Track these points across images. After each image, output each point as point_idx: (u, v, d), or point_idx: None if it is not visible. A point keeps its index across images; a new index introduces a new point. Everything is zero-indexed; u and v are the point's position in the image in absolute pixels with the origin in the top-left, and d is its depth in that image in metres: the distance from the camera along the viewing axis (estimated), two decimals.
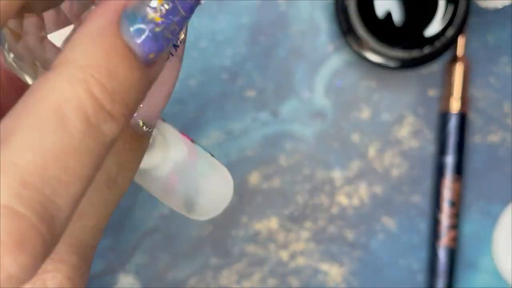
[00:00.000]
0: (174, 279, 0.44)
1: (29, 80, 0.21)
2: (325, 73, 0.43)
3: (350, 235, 0.44)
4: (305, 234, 0.44)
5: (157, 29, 0.18)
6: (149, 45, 0.18)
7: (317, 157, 0.44)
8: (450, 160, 0.43)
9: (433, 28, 0.39)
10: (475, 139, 0.44)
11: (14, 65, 0.21)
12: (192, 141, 0.26)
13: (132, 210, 0.43)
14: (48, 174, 0.17)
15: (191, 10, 0.19)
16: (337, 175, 0.44)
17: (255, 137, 0.44)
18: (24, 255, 0.17)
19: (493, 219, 0.44)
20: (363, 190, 0.44)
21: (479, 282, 0.45)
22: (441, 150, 0.43)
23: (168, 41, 0.19)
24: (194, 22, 0.42)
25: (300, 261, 0.44)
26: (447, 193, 0.43)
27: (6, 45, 0.21)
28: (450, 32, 0.39)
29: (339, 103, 0.44)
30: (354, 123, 0.44)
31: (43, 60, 0.21)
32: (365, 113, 0.44)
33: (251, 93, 0.43)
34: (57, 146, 0.17)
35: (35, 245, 0.17)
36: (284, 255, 0.44)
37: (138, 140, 0.22)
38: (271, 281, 0.44)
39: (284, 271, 0.44)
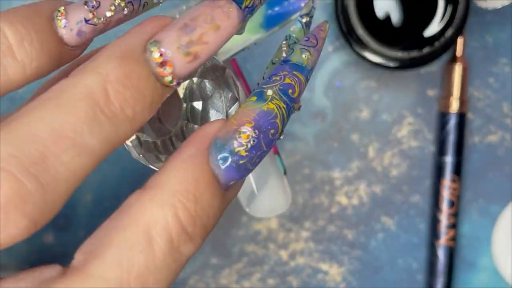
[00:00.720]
0: None
1: (155, 168, 0.25)
2: (325, 73, 0.43)
3: (349, 235, 0.45)
4: (305, 234, 0.44)
5: (241, 162, 0.20)
6: (232, 174, 0.20)
7: (317, 157, 0.44)
8: (449, 160, 0.43)
9: (433, 28, 0.40)
10: (474, 139, 0.44)
11: (142, 160, 0.24)
12: (277, 153, 0.30)
13: None
14: None
15: (271, 146, 0.21)
16: (336, 175, 0.44)
17: None
18: None
19: (492, 219, 0.44)
20: (362, 190, 0.44)
21: (478, 281, 0.45)
22: (441, 150, 0.43)
23: (248, 172, 0.21)
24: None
25: (300, 260, 0.44)
26: (446, 193, 0.43)
27: (133, 148, 0.24)
28: (449, 33, 0.39)
29: (339, 103, 0.44)
30: (354, 123, 0.44)
31: (168, 153, 0.25)
32: (364, 113, 0.44)
33: None
34: (142, 264, 0.19)
35: None
36: (284, 254, 0.44)
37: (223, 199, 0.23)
38: (271, 281, 0.44)
39: (284, 270, 0.44)
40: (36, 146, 0.18)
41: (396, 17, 0.40)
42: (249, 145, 0.20)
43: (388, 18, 0.40)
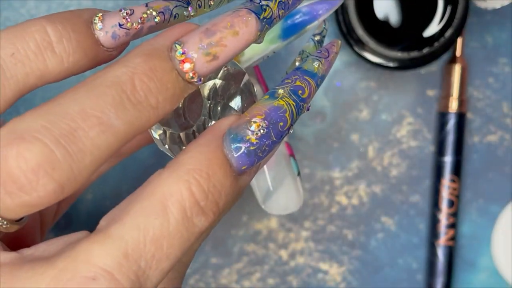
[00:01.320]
0: None
1: None
2: None
3: (349, 234, 0.45)
4: (304, 234, 0.44)
5: (252, 148, 0.23)
6: (244, 159, 0.23)
7: (317, 157, 0.44)
8: (449, 160, 0.43)
9: (432, 28, 0.40)
10: (474, 139, 0.44)
11: (168, 152, 0.27)
12: (292, 155, 0.34)
13: None
14: (145, 250, 0.21)
15: (280, 137, 0.24)
16: (336, 175, 0.44)
17: None
18: None
19: (492, 219, 0.44)
20: (362, 190, 0.44)
21: (478, 281, 0.45)
22: (440, 150, 0.43)
23: (259, 158, 0.23)
24: (195, 22, 0.42)
25: (300, 260, 0.45)
26: (446, 193, 0.43)
27: (160, 141, 0.27)
28: (449, 33, 0.39)
29: (338, 103, 0.44)
30: (353, 123, 0.44)
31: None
32: (364, 113, 0.44)
33: None
34: (157, 229, 0.21)
35: None
36: (284, 254, 0.44)
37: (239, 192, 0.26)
38: (271, 281, 0.44)
39: (284, 270, 0.45)
40: (66, 121, 0.21)
41: (395, 18, 0.40)
42: (259, 134, 0.23)
43: (387, 19, 0.40)
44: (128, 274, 0.21)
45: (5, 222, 0.22)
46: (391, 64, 0.40)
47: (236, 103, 0.28)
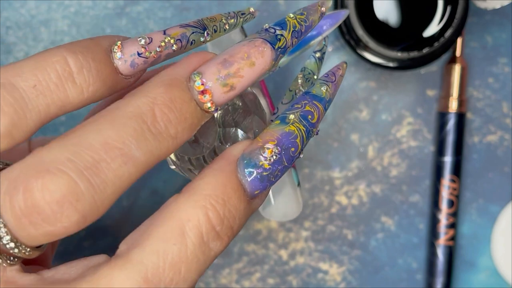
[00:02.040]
0: None
1: (189, 177, 0.30)
2: None
3: (349, 234, 0.45)
4: (304, 234, 0.44)
5: (265, 174, 0.24)
6: (257, 184, 0.24)
7: (317, 157, 0.44)
8: (449, 160, 0.43)
9: (432, 29, 0.40)
10: (474, 139, 0.44)
11: (177, 171, 0.29)
12: (293, 167, 0.35)
13: (133, 209, 0.44)
14: (164, 275, 0.22)
15: (291, 162, 0.24)
16: (336, 174, 0.44)
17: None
18: None
19: (492, 218, 0.45)
20: (362, 189, 0.44)
21: (478, 281, 0.45)
22: (440, 150, 0.43)
23: (271, 183, 0.24)
24: None
25: (300, 260, 0.45)
26: (446, 193, 0.43)
27: (170, 160, 0.28)
28: (448, 33, 0.39)
29: (338, 103, 0.44)
30: (353, 123, 0.44)
31: (199, 167, 0.30)
32: (364, 113, 0.44)
33: None
34: (176, 254, 0.22)
35: None
36: (283, 254, 0.44)
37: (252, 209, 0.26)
38: (271, 281, 0.44)
39: (284, 270, 0.45)
40: (90, 153, 0.21)
41: (395, 18, 0.40)
42: (272, 160, 0.24)
43: (387, 19, 0.40)
44: None
45: (28, 250, 0.22)
46: (391, 64, 0.40)
47: (246, 126, 0.28)
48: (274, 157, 0.24)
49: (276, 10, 0.43)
